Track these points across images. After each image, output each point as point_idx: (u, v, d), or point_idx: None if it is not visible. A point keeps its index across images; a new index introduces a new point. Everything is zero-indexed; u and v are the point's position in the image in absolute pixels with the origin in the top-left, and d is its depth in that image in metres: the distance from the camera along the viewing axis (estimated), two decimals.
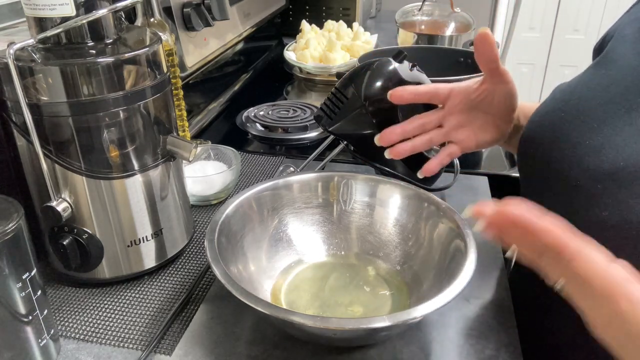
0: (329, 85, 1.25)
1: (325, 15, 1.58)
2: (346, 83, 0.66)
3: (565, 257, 0.36)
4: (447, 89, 0.62)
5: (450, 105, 0.62)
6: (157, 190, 0.59)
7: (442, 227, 0.57)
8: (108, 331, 0.55)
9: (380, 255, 0.62)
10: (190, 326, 0.55)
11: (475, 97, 0.61)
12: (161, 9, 0.85)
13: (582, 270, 0.36)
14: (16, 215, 0.44)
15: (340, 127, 0.66)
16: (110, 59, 0.51)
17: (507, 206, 0.39)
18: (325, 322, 0.43)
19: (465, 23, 1.30)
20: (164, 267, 0.64)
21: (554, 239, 0.37)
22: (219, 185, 0.75)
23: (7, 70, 0.47)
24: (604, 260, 0.36)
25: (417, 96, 0.61)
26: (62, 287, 0.61)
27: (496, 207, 0.40)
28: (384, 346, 0.52)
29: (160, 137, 0.58)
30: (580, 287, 0.37)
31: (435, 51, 1.05)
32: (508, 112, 0.63)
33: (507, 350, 0.52)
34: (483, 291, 0.59)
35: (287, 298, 0.57)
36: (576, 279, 0.37)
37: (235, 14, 1.16)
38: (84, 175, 0.54)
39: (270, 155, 0.91)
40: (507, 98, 0.61)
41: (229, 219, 0.57)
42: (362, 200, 0.64)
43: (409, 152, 0.61)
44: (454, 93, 0.62)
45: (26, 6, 0.50)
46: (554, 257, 0.37)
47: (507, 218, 0.39)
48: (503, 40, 2.17)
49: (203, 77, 1.05)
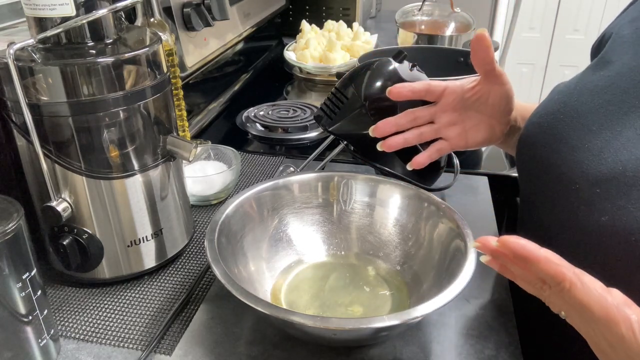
0: (329, 85, 1.25)
1: (325, 15, 1.58)
2: (346, 83, 0.66)
3: (565, 285, 0.37)
4: (441, 86, 0.62)
5: (443, 103, 0.62)
6: (157, 190, 0.59)
7: (442, 227, 0.57)
8: (108, 331, 0.55)
9: (380, 255, 0.62)
10: (190, 326, 0.55)
11: (469, 97, 0.61)
12: (161, 9, 0.85)
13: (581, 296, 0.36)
14: (16, 215, 0.44)
15: (340, 127, 0.66)
16: (110, 59, 0.51)
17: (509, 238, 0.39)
18: (325, 322, 0.43)
19: (465, 23, 1.30)
20: (164, 267, 0.64)
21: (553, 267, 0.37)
22: (219, 185, 0.75)
23: (7, 70, 0.47)
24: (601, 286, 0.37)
25: (414, 93, 0.61)
26: (62, 287, 0.61)
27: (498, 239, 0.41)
28: (384, 346, 0.52)
29: (160, 137, 0.58)
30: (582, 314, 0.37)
31: (435, 51, 1.05)
32: (503, 114, 0.62)
33: (507, 350, 0.52)
34: (483, 291, 0.59)
35: (287, 298, 0.57)
36: (576, 307, 0.37)
37: (235, 14, 1.16)
38: (84, 175, 0.54)
39: (270, 155, 0.91)
40: (502, 100, 0.61)
41: (229, 219, 0.57)
42: (362, 200, 0.64)
43: (401, 145, 0.61)
44: (448, 91, 0.62)
45: (26, 6, 0.50)
46: (555, 286, 0.38)
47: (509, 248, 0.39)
48: (503, 40, 2.18)
49: (203, 77, 1.05)
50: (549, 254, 0.38)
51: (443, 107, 0.62)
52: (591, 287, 0.36)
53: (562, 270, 0.37)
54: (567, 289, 0.37)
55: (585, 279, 0.37)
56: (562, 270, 0.37)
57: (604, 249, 0.45)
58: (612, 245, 0.44)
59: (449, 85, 0.62)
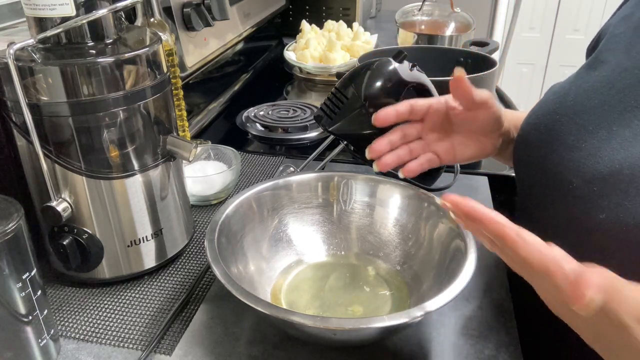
0: (329, 85, 1.25)
1: (325, 15, 1.58)
2: (346, 83, 0.66)
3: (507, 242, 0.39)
4: (424, 105, 0.60)
5: (429, 121, 0.61)
6: (157, 190, 0.59)
7: (442, 227, 0.57)
8: (108, 331, 0.55)
9: (380, 255, 0.62)
10: (190, 326, 0.55)
11: (455, 117, 0.61)
12: (161, 9, 0.85)
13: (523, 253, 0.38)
14: (16, 215, 0.44)
15: (340, 127, 0.66)
16: (110, 59, 0.51)
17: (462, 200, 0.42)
18: (325, 322, 0.43)
19: (465, 23, 1.30)
20: (164, 267, 0.64)
21: (497, 227, 0.40)
22: (219, 185, 0.75)
23: (7, 70, 0.47)
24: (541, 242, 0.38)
25: (398, 116, 0.60)
26: (62, 287, 0.61)
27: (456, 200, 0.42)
28: (384, 346, 0.52)
29: (160, 137, 0.58)
30: (525, 270, 0.39)
31: (435, 51, 1.05)
32: (492, 132, 0.62)
33: (507, 350, 0.52)
34: (483, 291, 0.59)
35: (287, 298, 0.57)
36: (520, 262, 0.39)
37: (235, 14, 1.16)
38: (84, 175, 0.54)
39: (270, 155, 0.91)
40: (489, 121, 0.61)
41: (229, 219, 0.57)
42: (362, 200, 0.64)
43: (395, 164, 0.61)
44: (432, 110, 0.60)
45: (26, 6, 0.50)
46: (500, 244, 0.40)
47: (461, 210, 0.42)
48: (503, 40, 2.18)
49: (203, 77, 1.05)
50: (495, 214, 0.40)
51: (429, 125, 0.61)
52: (530, 242, 0.38)
53: (505, 230, 0.38)
54: (508, 246, 0.38)
55: (525, 236, 0.38)
56: (505, 229, 0.38)
57: (602, 246, 0.45)
58: (610, 242, 0.44)
59: (432, 104, 0.60)
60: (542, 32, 2.64)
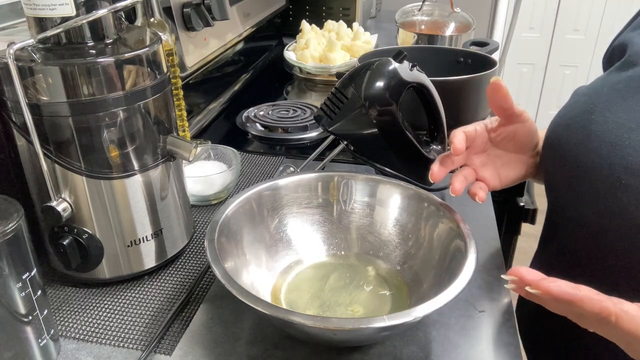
0: (329, 85, 1.25)
1: (325, 15, 1.58)
2: (346, 83, 0.66)
3: (611, 320, 0.37)
4: (472, 130, 0.60)
5: (473, 146, 0.61)
6: (157, 190, 0.59)
7: (442, 227, 0.57)
8: (108, 331, 0.55)
9: (380, 255, 0.62)
10: (190, 326, 0.55)
11: (495, 137, 0.61)
12: (161, 9, 0.85)
13: (629, 327, 0.37)
14: (16, 215, 0.44)
15: (340, 127, 0.66)
16: (111, 59, 0.51)
17: (548, 283, 0.39)
18: (325, 322, 0.43)
19: (465, 23, 1.30)
20: (164, 267, 0.64)
21: (597, 305, 0.37)
22: (219, 185, 0.75)
23: (7, 70, 0.47)
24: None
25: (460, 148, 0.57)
26: (62, 287, 0.61)
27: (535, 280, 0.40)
28: (384, 346, 0.52)
29: (160, 137, 0.58)
30: (630, 342, 0.38)
31: (435, 51, 1.05)
32: (530, 148, 0.62)
33: (507, 350, 0.52)
34: (483, 291, 0.59)
35: (287, 298, 0.57)
36: (624, 336, 0.38)
37: (235, 14, 1.16)
38: (84, 175, 0.54)
39: (270, 155, 0.91)
40: (528, 135, 0.61)
41: (229, 219, 0.57)
42: (362, 200, 0.64)
43: (465, 185, 0.59)
44: (477, 134, 0.61)
45: (26, 6, 0.50)
46: (599, 321, 0.38)
47: (549, 294, 0.38)
48: (503, 40, 2.18)
49: (203, 77, 1.05)
50: (588, 291, 0.38)
51: (473, 150, 0.61)
52: (635, 316, 0.37)
53: (606, 306, 0.37)
54: (613, 323, 0.37)
55: (626, 308, 0.37)
56: (606, 305, 0.37)
57: None
58: None
59: (476, 128, 0.61)
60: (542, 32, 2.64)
